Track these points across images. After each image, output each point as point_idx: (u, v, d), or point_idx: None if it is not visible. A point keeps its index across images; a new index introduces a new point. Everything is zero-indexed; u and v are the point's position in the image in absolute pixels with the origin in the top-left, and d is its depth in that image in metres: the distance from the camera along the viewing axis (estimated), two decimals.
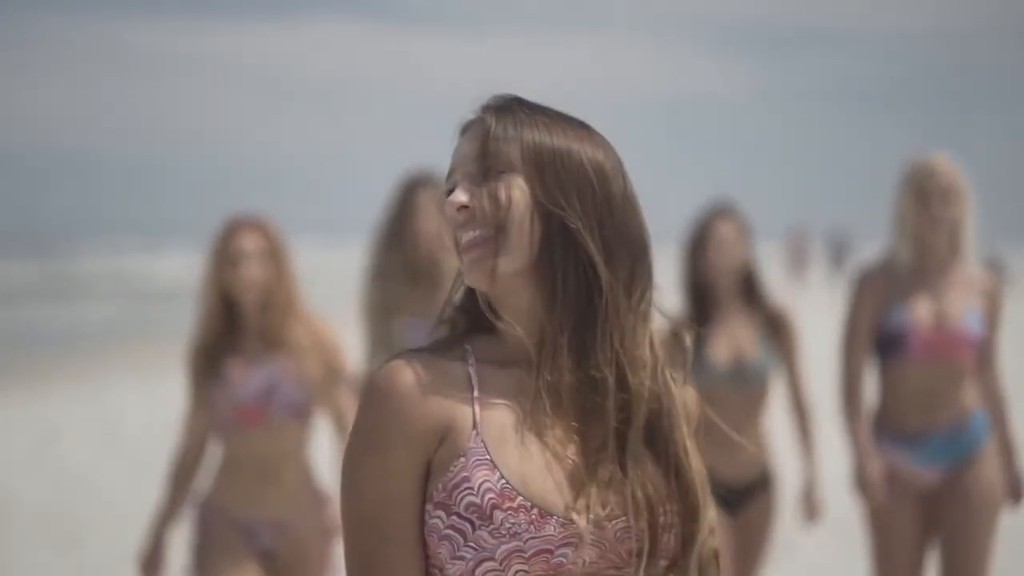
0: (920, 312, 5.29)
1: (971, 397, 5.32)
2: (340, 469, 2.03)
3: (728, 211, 5.95)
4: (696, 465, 2.07)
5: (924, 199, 5.34)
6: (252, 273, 4.98)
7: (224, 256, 5.00)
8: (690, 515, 2.05)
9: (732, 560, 5.60)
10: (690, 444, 2.08)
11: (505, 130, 2.06)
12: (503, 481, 1.95)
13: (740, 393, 5.62)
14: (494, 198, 2.03)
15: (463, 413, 2.00)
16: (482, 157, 2.05)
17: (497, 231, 2.02)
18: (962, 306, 5.31)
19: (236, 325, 5.02)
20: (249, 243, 5.01)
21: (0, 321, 31.20)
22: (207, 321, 5.01)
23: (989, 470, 5.28)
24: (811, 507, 5.93)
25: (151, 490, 8.48)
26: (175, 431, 5.13)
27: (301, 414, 4.99)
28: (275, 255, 5.03)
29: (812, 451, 5.93)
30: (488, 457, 1.97)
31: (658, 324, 2.11)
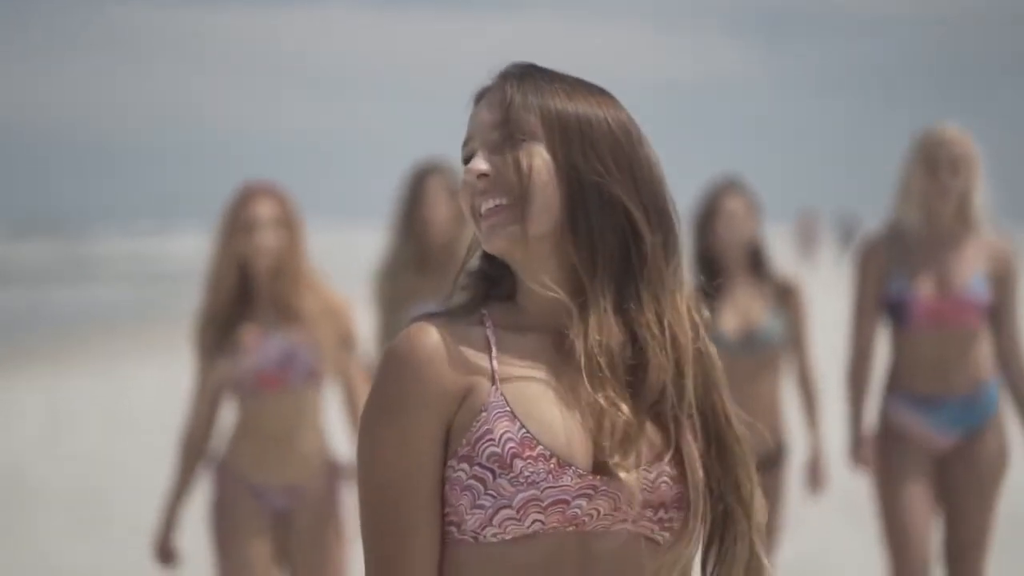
0: (922, 280, 5.26)
1: (985, 364, 5.28)
2: (358, 434, 2.04)
3: (737, 186, 6.00)
4: (741, 434, 2.07)
5: (933, 168, 5.30)
6: (266, 240, 4.97)
7: (238, 223, 4.99)
8: (735, 486, 2.05)
9: None
10: (731, 413, 2.08)
11: (525, 98, 2.05)
12: (523, 431, 1.97)
13: (750, 362, 5.66)
14: (517, 166, 2.02)
15: (483, 373, 2.01)
16: (502, 124, 2.05)
17: (520, 199, 2.02)
18: (969, 272, 5.26)
19: (247, 293, 5.00)
20: (264, 210, 4.99)
21: (15, 302, 31.29)
22: (218, 289, 4.99)
23: (999, 437, 5.27)
24: (816, 478, 5.98)
25: (165, 469, 8.54)
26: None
27: (315, 380, 5.01)
28: (289, 224, 5.03)
29: (818, 422, 5.97)
30: (508, 409, 1.98)
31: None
